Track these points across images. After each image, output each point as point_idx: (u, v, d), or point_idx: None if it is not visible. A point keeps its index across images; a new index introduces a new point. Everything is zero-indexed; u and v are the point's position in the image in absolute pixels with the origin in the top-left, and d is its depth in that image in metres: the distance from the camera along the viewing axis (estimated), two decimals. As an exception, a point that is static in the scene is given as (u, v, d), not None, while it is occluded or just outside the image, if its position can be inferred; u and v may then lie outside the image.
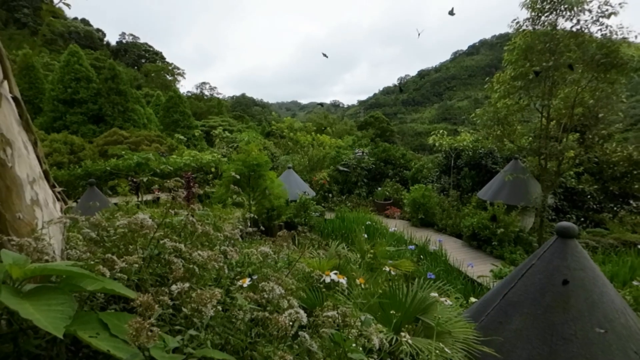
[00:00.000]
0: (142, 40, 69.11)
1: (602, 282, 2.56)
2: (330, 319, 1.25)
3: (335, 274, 1.81)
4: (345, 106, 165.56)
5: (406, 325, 2.30)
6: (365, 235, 6.28)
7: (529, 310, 2.65)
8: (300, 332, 1.21)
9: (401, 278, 3.81)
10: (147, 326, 0.77)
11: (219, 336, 1.15)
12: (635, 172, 10.00)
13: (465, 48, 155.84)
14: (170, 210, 1.63)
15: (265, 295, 1.25)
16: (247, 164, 7.39)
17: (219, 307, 1.13)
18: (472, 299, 3.98)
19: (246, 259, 1.83)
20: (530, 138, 8.94)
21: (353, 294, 2.75)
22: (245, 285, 1.47)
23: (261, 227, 7.70)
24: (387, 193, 12.70)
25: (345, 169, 12.85)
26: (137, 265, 1.23)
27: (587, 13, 7.07)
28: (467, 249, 8.42)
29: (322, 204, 11.59)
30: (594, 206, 10.30)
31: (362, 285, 2.04)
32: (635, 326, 2.37)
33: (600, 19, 6.99)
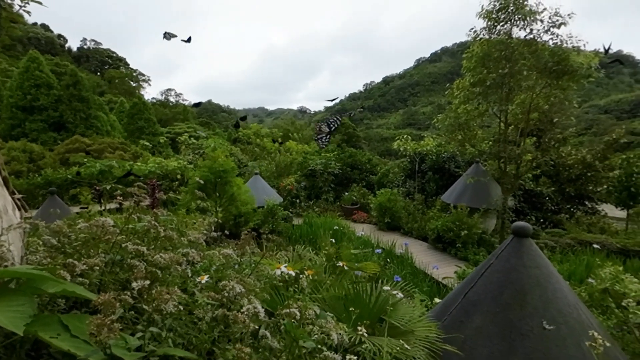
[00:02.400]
0: (104, 46, 66.01)
1: (555, 279, 2.61)
2: (289, 316, 1.30)
3: (285, 266, 1.78)
4: (312, 112, 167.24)
5: (366, 322, 2.23)
6: (333, 240, 6.18)
7: (488, 308, 2.64)
8: (261, 331, 1.27)
9: (366, 280, 3.74)
10: (108, 322, 0.79)
11: (181, 337, 1.18)
12: (589, 175, 10.70)
13: (427, 55, 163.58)
14: (132, 215, 1.66)
15: (226, 294, 1.29)
16: (214, 171, 7.28)
17: (181, 307, 1.15)
18: (437, 300, 3.97)
19: (208, 262, 1.86)
20: (490, 142, 9.35)
21: (311, 293, 2.69)
22: (203, 281, 1.50)
23: (227, 232, 7.59)
24: (354, 198, 12.77)
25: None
26: (98, 269, 1.25)
27: (539, 23, 7.54)
28: (433, 252, 8.56)
29: (290, 210, 11.41)
30: (552, 207, 10.90)
31: (311, 277, 2.02)
32: (587, 320, 2.41)
33: (552, 29, 7.47)
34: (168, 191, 11.38)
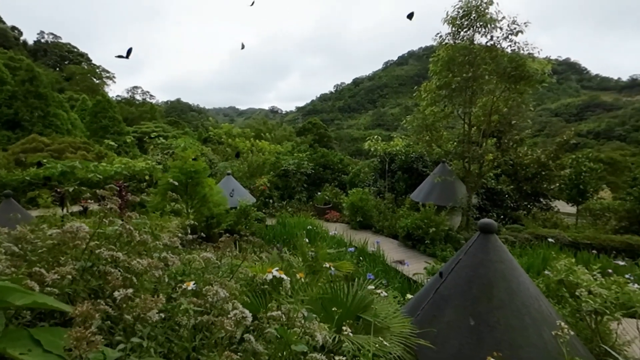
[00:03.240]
0: (64, 41, 61.04)
1: (518, 273, 2.77)
2: (274, 319, 1.31)
3: (277, 270, 1.76)
4: (283, 112, 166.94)
5: (347, 321, 2.26)
6: (307, 240, 6.19)
7: (458, 302, 2.75)
8: (245, 335, 1.24)
9: (342, 279, 3.77)
10: (89, 335, 0.75)
11: (161, 346, 1.14)
12: (543, 173, 11.53)
13: (395, 58, 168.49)
14: (104, 219, 1.60)
15: (210, 299, 1.26)
16: (184, 171, 7.05)
17: (162, 315, 1.10)
18: (409, 296, 4.07)
19: (188, 267, 1.80)
20: (455, 143, 9.79)
21: (296, 294, 2.67)
22: (190, 287, 1.43)
23: (202, 234, 7.41)
24: (327, 197, 12.85)
25: None
26: (70, 277, 1.19)
27: (499, 30, 8.02)
28: (403, 249, 8.80)
29: (263, 210, 11.26)
30: (511, 204, 11.61)
31: (302, 280, 2.02)
32: (547, 310, 2.58)
33: (510, 36, 7.97)
34: (136, 193, 10.82)
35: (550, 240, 7.89)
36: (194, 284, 1.42)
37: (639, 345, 2.98)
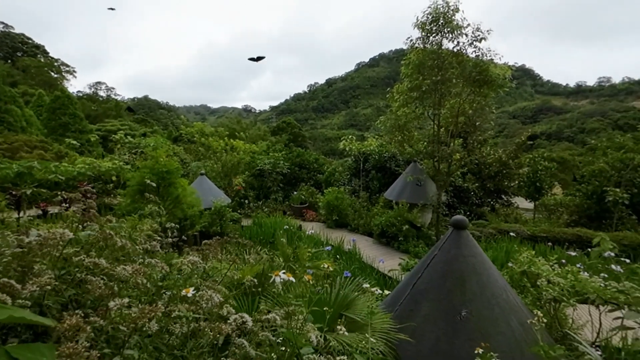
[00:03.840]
0: (17, 31, 55.62)
1: (488, 266, 2.96)
2: (269, 322, 1.28)
3: (284, 273, 1.79)
4: (257, 111, 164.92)
5: (339, 320, 2.31)
6: (284, 240, 6.20)
7: (434, 296, 2.90)
8: (238, 340, 1.21)
9: (323, 278, 3.83)
10: (82, 350, 0.72)
11: (149, 355, 1.11)
12: (504, 172, 12.31)
13: (367, 60, 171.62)
14: (77, 224, 1.53)
15: (204, 305, 1.23)
16: (156, 172, 6.77)
17: (154, 324, 1.07)
18: (386, 292, 4.19)
19: (172, 272, 1.73)
20: (425, 143, 10.18)
21: (291, 295, 2.68)
22: (189, 294, 1.38)
23: (184, 237, 7.18)
24: (303, 197, 12.89)
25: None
26: (49, 288, 1.11)
27: (464, 37, 8.42)
28: (378, 246, 9.05)
29: (239, 211, 11.08)
30: (477, 201, 12.29)
31: (310, 281, 2.04)
32: (514, 300, 2.79)
33: (474, 43, 8.39)
34: (102, 195, 10.18)
35: (512, 234, 8.47)
36: (193, 290, 1.38)
37: (590, 328, 3.30)
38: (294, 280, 1.78)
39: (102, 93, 61.82)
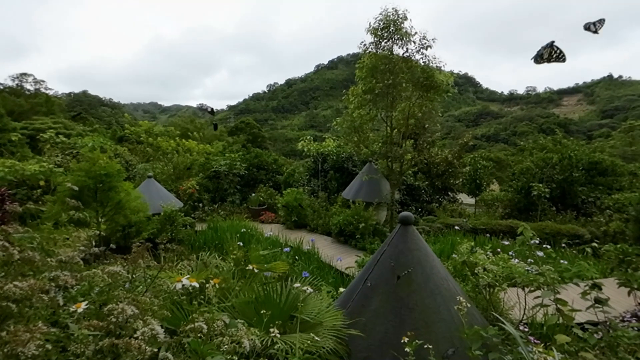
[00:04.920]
0: None
1: (432, 258, 3.16)
2: (195, 331, 1.19)
3: (187, 278, 1.66)
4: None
5: (277, 322, 2.31)
6: (241, 243, 6.07)
7: (384, 290, 3.02)
8: (162, 354, 1.14)
9: (276, 280, 3.81)
10: None
11: None
12: (450, 171, 13.23)
13: (326, 62, 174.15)
14: None
15: (114, 319, 1.12)
16: (93, 175, 6.18)
17: (49, 347, 0.95)
18: (341, 289, 4.29)
19: (88, 284, 1.60)
20: (380, 144, 10.61)
21: (227, 301, 2.62)
22: (80, 309, 1.27)
23: (113, 246, 6.63)
24: (261, 198, 12.71)
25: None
26: None
27: (412, 44, 8.92)
28: (336, 245, 9.22)
29: (192, 215, 10.59)
30: (427, 198, 13.06)
31: (217, 286, 1.96)
32: (454, 288, 3.02)
33: (422, 50, 8.93)
34: (26, 201, 9.03)
35: (456, 227, 9.15)
36: (85, 305, 1.28)
37: (519, 308, 3.69)
38: (197, 285, 1.68)
39: (29, 86, 54.77)
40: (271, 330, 1.81)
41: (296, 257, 7.20)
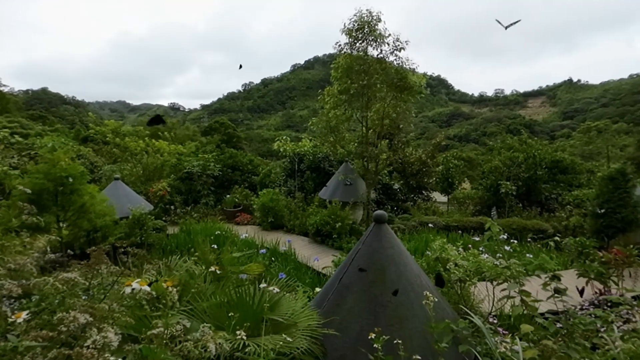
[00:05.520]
0: None
1: (405, 255, 3.21)
2: (157, 337, 1.17)
3: (138, 281, 1.58)
4: (186, 110, 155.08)
5: (246, 325, 2.25)
6: (215, 246, 5.91)
7: (358, 288, 3.03)
8: None
9: (251, 282, 3.73)
10: None
11: None
12: (424, 170, 13.58)
13: (302, 62, 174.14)
14: None
15: (64, 328, 1.07)
16: (53, 177, 5.85)
17: None
18: (317, 289, 4.27)
19: (39, 293, 1.53)
20: (356, 144, 10.72)
21: (197, 307, 2.53)
22: (20, 319, 1.20)
23: (75, 252, 6.26)
24: (237, 200, 12.47)
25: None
26: None
27: (386, 45, 9.07)
28: (313, 245, 9.20)
29: (164, 218, 10.20)
30: (402, 197, 13.33)
31: (171, 289, 1.87)
32: (426, 284, 3.07)
33: (395, 52, 9.10)
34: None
35: (430, 225, 9.40)
36: (26, 314, 1.21)
37: (488, 301, 3.82)
38: (148, 289, 1.62)
39: (-22, 81, 50.67)
40: (237, 333, 1.74)
41: (273, 258, 7.12)
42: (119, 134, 12.23)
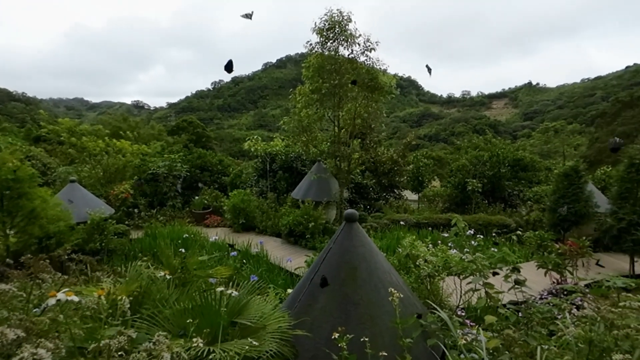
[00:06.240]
0: None
1: (376, 252, 3.22)
2: (105, 349, 1.12)
3: (65, 292, 1.46)
4: (151, 108, 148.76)
5: (205, 331, 2.15)
6: (183, 250, 5.66)
7: (330, 287, 2.98)
8: None
9: (221, 285, 3.59)
10: None
11: None
12: (395, 169, 13.86)
13: (274, 61, 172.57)
14: None
15: None
16: (-4, 180, 5.26)
17: None
18: (289, 290, 4.20)
19: None
20: (328, 143, 10.74)
21: (159, 315, 2.39)
22: None
23: (10, 261, 5.77)
24: (206, 201, 12.07)
25: None
26: None
27: (357, 46, 9.15)
28: (286, 246, 9.09)
29: (127, 222, 9.63)
30: (374, 196, 13.52)
31: (102, 298, 1.75)
32: (396, 281, 3.09)
33: (366, 52, 9.20)
34: None
35: (402, 223, 9.60)
36: None
37: (456, 294, 3.93)
38: (76, 299, 1.52)
39: None
40: (194, 340, 1.64)
41: (244, 260, 6.93)
42: (75, 133, 11.39)
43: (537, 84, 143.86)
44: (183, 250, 5.53)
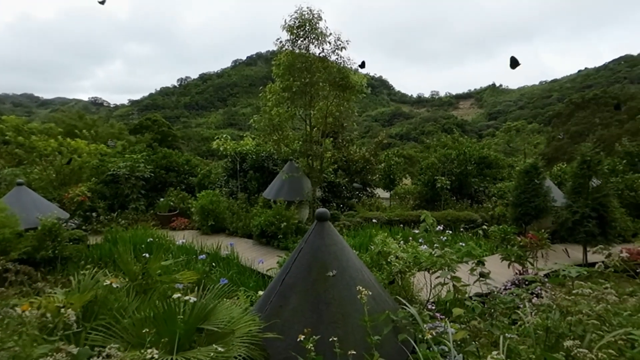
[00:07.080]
0: None
1: (347, 251, 3.19)
2: None
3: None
4: (111, 105, 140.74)
5: (164, 340, 2.02)
6: (147, 255, 5.33)
7: (301, 288, 2.93)
8: None
9: (183, 291, 3.42)
10: None
11: None
12: (368, 167, 14.04)
13: (244, 58, 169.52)
14: None
15: None
16: None
17: None
18: (261, 292, 4.09)
19: None
20: (300, 142, 10.64)
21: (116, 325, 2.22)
22: None
23: None
24: (172, 203, 11.53)
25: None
26: None
27: (328, 44, 9.13)
28: (258, 247, 8.90)
29: (83, 227, 8.96)
30: (347, 194, 13.60)
31: (26, 313, 1.60)
32: (368, 279, 3.08)
33: (337, 51, 9.20)
34: None
35: (374, 220, 9.72)
36: None
37: (426, 289, 4.01)
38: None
39: None
40: (149, 350, 1.51)
41: (213, 263, 6.68)
42: (23, 132, 10.41)
43: (500, 85, 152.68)
44: (147, 255, 5.23)
